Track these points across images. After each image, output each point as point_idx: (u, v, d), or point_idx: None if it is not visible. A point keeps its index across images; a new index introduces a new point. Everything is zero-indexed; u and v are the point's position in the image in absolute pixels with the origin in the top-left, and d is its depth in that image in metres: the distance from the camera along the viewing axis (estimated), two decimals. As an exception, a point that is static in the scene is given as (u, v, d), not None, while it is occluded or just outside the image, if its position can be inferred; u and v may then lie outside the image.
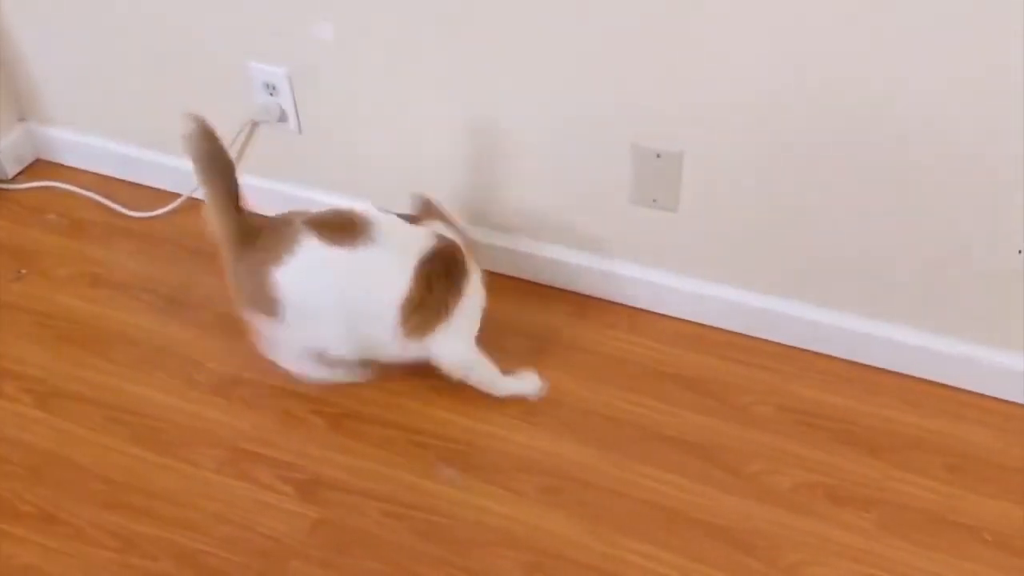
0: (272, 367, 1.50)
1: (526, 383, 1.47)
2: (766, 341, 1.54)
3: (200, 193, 1.38)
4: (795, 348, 1.53)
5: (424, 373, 1.43)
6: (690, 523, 1.31)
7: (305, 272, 1.34)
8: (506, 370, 1.45)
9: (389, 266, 1.35)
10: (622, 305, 1.61)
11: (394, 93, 1.56)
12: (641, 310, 1.61)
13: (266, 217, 1.39)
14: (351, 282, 1.35)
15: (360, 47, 1.53)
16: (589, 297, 1.63)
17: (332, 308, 1.35)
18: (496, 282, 1.48)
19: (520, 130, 1.51)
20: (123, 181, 1.89)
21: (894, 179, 1.32)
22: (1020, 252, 1.30)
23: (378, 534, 1.30)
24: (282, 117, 1.66)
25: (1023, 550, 1.26)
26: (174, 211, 1.80)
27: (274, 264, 1.33)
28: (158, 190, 1.84)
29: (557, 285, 1.65)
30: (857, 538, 1.28)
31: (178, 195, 1.80)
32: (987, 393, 1.44)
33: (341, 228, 1.35)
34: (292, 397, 1.48)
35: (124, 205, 1.82)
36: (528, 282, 1.66)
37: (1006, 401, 1.43)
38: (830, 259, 1.44)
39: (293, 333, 1.39)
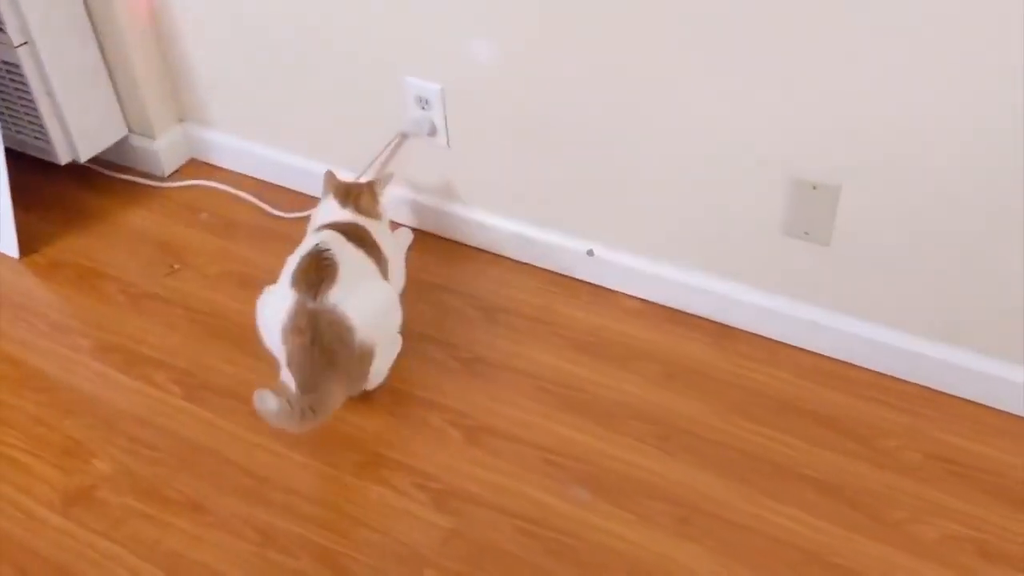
0: (408, 374, 1.54)
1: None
2: (908, 383, 1.50)
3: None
4: (940, 392, 1.48)
5: (548, 389, 1.44)
6: (826, 567, 1.27)
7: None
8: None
9: None
10: (763, 337, 1.59)
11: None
12: (782, 343, 1.58)
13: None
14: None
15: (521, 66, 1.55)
16: (730, 327, 1.61)
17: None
18: (632, 304, 1.47)
19: (675, 155, 1.51)
20: (272, 184, 1.96)
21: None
22: None
23: (510, 550, 1.31)
24: (432, 131, 1.69)
25: None
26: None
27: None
28: (305, 194, 1.91)
29: (694, 312, 1.64)
30: (1007, 601, 1.23)
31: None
32: None
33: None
34: (430, 407, 1.51)
35: (274, 207, 1.90)
36: (668, 308, 1.65)
37: None
38: (990, 306, 1.38)
39: None
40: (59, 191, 1.97)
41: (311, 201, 1.87)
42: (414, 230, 1.82)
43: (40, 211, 1.92)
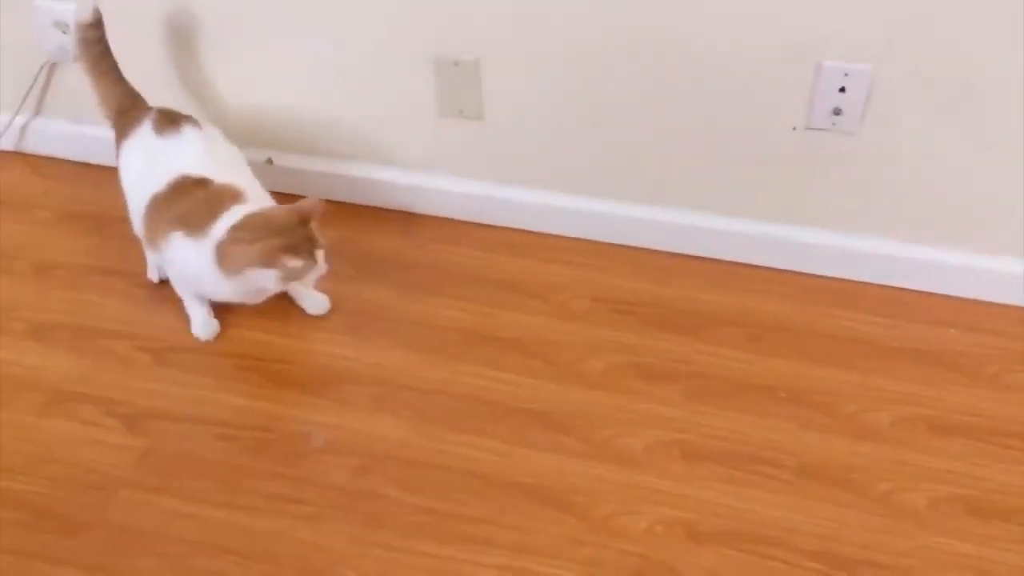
0: (87, 309, 1.49)
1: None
2: (580, 239, 1.61)
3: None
4: (605, 243, 1.61)
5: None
6: (510, 412, 1.37)
7: (129, 155, 1.44)
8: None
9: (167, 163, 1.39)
10: (442, 218, 1.66)
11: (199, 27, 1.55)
12: (461, 221, 1.65)
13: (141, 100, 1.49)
14: (147, 169, 1.41)
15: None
16: (410, 214, 1.67)
17: (133, 192, 1.43)
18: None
19: (326, 51, 1.52)
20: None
21: (677, 76, 1.40)
22: (794, 129, 1.40)
23: (207, 456, 1.32)
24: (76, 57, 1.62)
25: (812, 403, 1.37)
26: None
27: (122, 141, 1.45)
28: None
29: (376, 204, 1.68)
30: (666, 408, 1.37)
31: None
32: (779, 267, 1.55)
33: (172, 121, 1.43)
34: (113, 337, 1.47)
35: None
36: (347, 204, 1.68)
37: (796, 272, 1.54)
38: (628, 155, 1.51)
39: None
40: None
41: None
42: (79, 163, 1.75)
43: None
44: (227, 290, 1.37)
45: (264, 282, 1.33)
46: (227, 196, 1.36)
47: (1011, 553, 1.21)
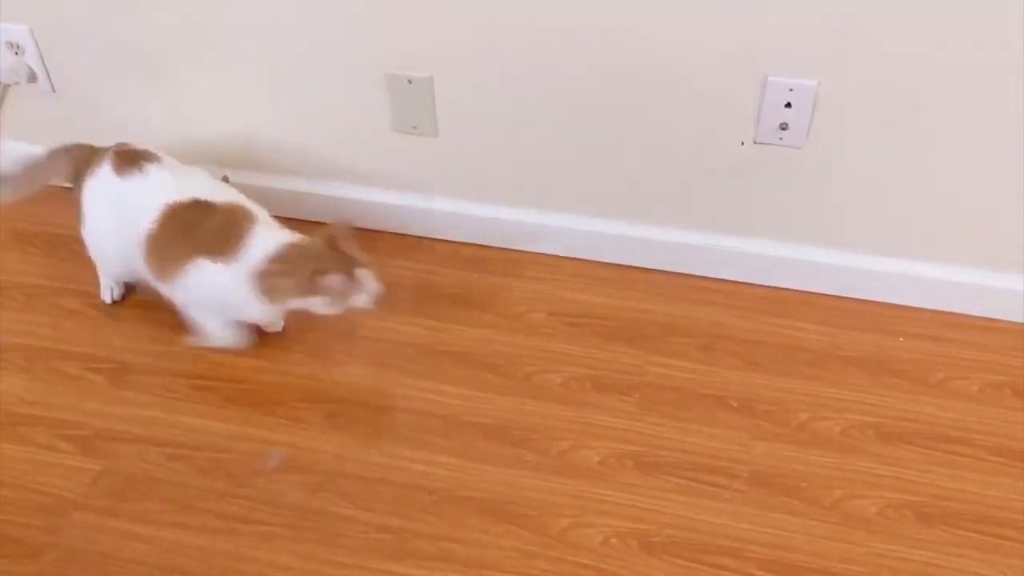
0: (40, 330, 1.49)
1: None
2: (534, 253, 1.63)
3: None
4: (559, 257, 1.62)
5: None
6: (465, 426, 1.38)
7: (93, 194, 1.41)
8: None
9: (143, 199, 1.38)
10: (397, 234, 1.66)
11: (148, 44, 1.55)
12: (418, 236, 1.66)
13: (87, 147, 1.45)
14: (120, 210, 1.39)
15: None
16: (365, 230, 1.67)
17: (109, 234, 1.42)
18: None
19: (280, 66, 1.53)
20: None
21: (628, 92, 1.41)
22: (742, 144, 1.42)
23: (161, 476, 1.32)
24: (31, 77, 1.61)
25: (763, 412, 1.39)
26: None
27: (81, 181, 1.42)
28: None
29: (331, 220, 1.68)
30: (620, 420, 1.38)
31: None
32: (729, 278, 1.57)
33: (132, 159, 1.40)
34: (66, 358, 1.47)
35: None
36: (302, 220, 1.67)
37: (744, 283, 1.57)
38: (579, 169, 1.52)
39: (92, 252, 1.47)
40: None
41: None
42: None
43: None
44: (265, 313, 1.40)
45: (315, 308, 1.34)
46: (241, 216, 1.35)
47: (958, 558, 1.23)
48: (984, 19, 1.22)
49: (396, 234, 1.66)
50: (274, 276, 1.32)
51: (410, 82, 1.47)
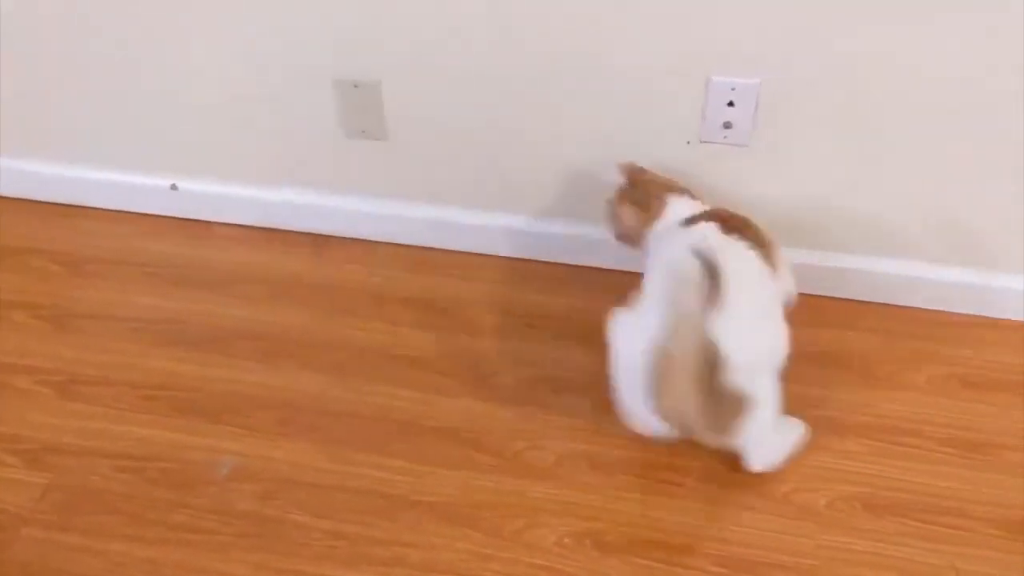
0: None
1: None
2: (484, 255, 1.63)
3: None
4: (510, 258, 1.62)
5: (146, 329, 1.44)
6: (420, 430, 1.37)
7: None
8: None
9: None
10: (355, 239, 1.66)
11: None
12: (372, 241, 1.66)
13: None
14: None
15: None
16: (322, 236, 1.67)
17: None
18: (229, 231, 1.50)
19: (226, 78, 1.52)
20: None
21: (574, 93, 1.41)
22: (688, 143, 1.43)
23: (110, 488, 1.30)
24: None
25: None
26: None
27: None
28: None
29: (290, 228, 1.68)
30: (575, 420, 1.38)
31: None
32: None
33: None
34: (14, 371, 1.45)
35: None
36: (264, 229, 1.67)
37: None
38: (528, 170, 1.53)
39: None
40: None
41: None
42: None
43: None
44: None
45: None
46: None
47: (906, 547, 1.25)
48: (927, 15, 1.24)
49: (347, 238, 1.66)
50: None
51: (356, 86, 1.47)
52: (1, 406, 1.40)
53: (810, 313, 1.52)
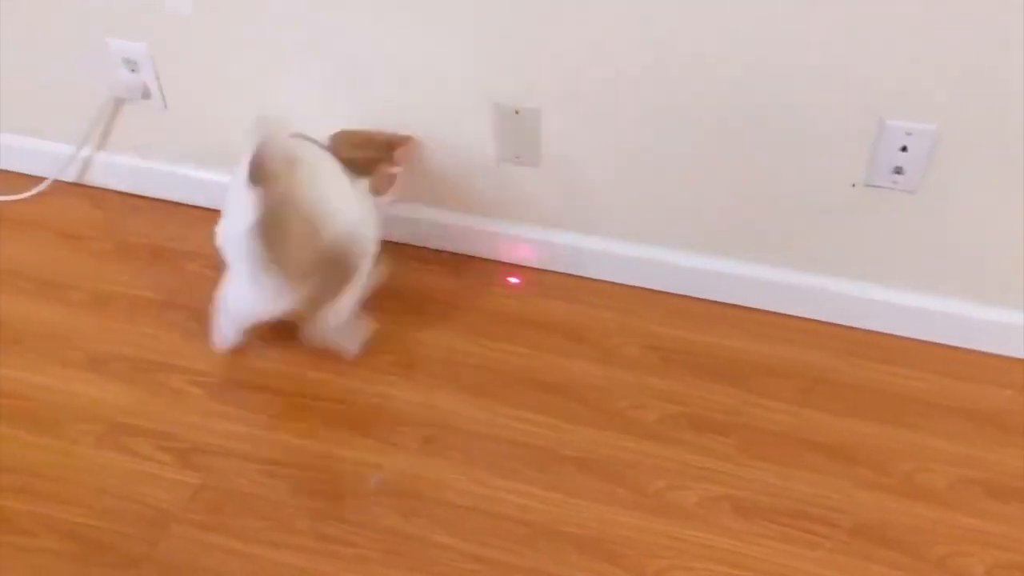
0: (143, 341, 1.52)
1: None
2: (631, 287, 1.62)
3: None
4: (658, 291, 1.61)
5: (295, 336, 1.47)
6: (560, 460, 1.36)
7: None
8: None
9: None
10: (495, 261, 1.67)
11: (258, 63, 1.58)
12: (511, 264, 1.66)
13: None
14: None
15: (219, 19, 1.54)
16: (464, 256, 1.68)
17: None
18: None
19: (388, 97, 1.54)
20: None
21: (737, 128, 1.40)
22: (853, 186, 1.40)
23: (257, 493, 1.33)
24: (145, 93, 1.65)
25: (863, 459, 1.36)
26: (41, 194, 1.79)
27: None
28: (23, 175, 1.82)
29: (432, 246, 1.69)
30: (718, 461, 1.36)
31: (43, 179, 1.79)
32: (830, 320, 1.54)
33: None
34: (168, 370, 1.49)
35: (-11, 192, 1.80)
36: (406, 245, 1.70)
37: (846, 327, 1.54)
38: (685, 205, 1.51)
39: None
40: None
41: (28, 181, 1.80)
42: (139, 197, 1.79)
43: None
44: None
45: None
46: None
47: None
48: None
49: (490, 260, 1.67)
50: None
51: (517, 113, 1.48)
52: (154, 404, 1.45)
53: (962, 368, 1.48)
